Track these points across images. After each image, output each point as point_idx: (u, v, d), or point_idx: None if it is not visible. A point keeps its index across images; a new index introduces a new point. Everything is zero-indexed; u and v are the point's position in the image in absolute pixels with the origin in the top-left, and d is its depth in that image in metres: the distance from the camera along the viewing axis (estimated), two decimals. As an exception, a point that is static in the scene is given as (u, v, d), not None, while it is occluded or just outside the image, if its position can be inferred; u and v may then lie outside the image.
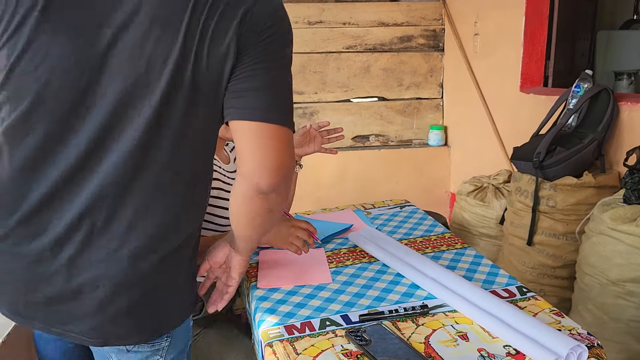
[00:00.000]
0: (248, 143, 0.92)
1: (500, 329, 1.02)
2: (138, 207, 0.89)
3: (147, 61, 0.84)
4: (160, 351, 1.06)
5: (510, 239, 2.38)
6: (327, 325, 1.08)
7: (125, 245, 0.90)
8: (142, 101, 0.85)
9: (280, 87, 0.92)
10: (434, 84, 3.54)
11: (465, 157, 3.43)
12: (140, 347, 1.01)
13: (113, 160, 0.86)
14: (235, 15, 0.85)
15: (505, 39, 2.90)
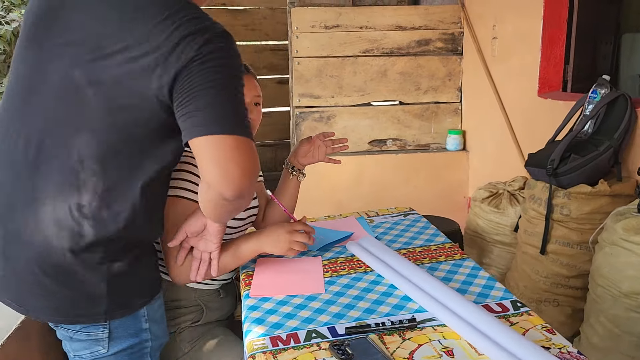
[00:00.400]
0: (206, 156, 0.98)
1: (487, 346, 1.01)
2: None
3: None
4: (100, 342, 1.17)
5: (524, 247, 2.34)
6: (313, 337, 1.08)
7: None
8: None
9: (225, 102, 1.00)
10: (452, 88, 3.50)
11: (484, 163, 3.38)
12: (79, 335, 1.15)
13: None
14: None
15: (523, 42, 2.85)
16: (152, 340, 1.24)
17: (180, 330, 1.44)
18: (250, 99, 1.46)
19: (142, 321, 1.21)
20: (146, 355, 1.25)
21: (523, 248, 2.34)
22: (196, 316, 1.45)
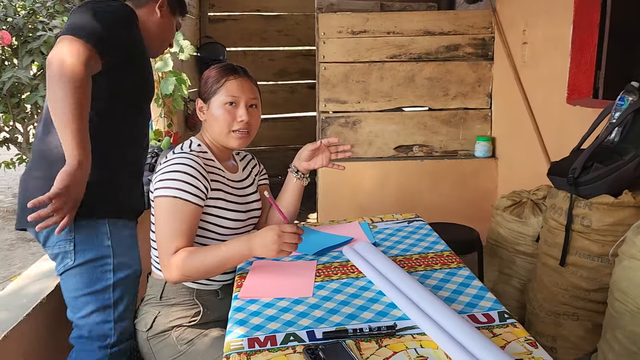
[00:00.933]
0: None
1: (462, 358, 0.98)
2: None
3: None
4: (68, 254, 1.47)
5: (544, 258, 2.26)
6: (290, 341, 1.08)
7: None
8: None
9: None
10: (482, 94, 3.43)
11: (513, 170, 3.29)
12: (54, 250, 1.47)
13: None
14: None
15: (553, 47, 2.77)
16: (115, 258, 1.48)
17: (177, 328, 1.47)
18: (245, 101, 1.49)
19: (104, 238, 1.47)
20: (108, 272, 1.48)
21: (543, 259, 2.27)
22: (194, 315, 1.48)
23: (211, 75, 1.51)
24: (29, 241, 4.37)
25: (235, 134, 1.49)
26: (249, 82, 1.52)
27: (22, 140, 4.61)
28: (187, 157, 1.42)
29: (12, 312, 1.49)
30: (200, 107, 1.54)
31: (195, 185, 1.39)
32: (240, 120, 1.48)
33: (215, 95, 1.49)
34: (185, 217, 1.37)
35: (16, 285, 1.67)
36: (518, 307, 2.57)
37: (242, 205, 1.55)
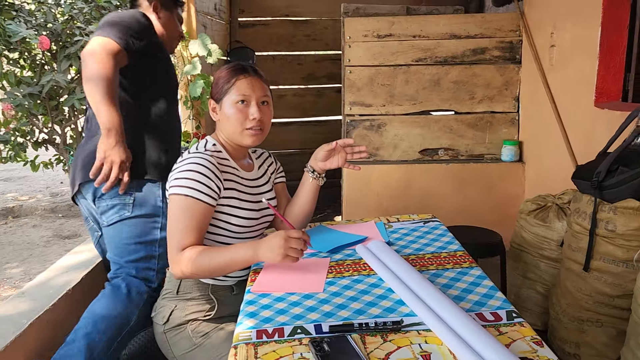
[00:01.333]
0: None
1: (466, 355, 0.99)
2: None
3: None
4: (127, 206, 1.77)
5: (567, 262, 2.23)
6: (297, 333, 1.11)
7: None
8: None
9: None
10: (509, 98, 3.40)
11: (540, 174, 3.24)
12: (104, 201, 1.75)
13: None
14: None
15: (581, 50, 2.73)
16: (163, 218, 1.78)
17: (193, 322, 1.51)
18: (256, 99, 1.52)
19: (158, 199, 1.80)
20: (156, 229, 1.79)
21: (566, 264, 2.24)
22: (208, 310, 1.52)
23: (222, 76, 1.55)
24: (64, 238, 4.53)
25: (248, 132, 1.52)
26: (259, 80, 1.55)
27: (60, 141, 4.77)
28: (201, 156, 1.46)
29: (39, 302, 1.57)
30: (213, 107, 1.58)
31: (208, 185, 1.43)
32: (253, 118, 1.51)
33: (227, 95, 1.52)
34: (196, 215, 1.41)
35: (44, 277, 1.75)
36: (542, 313, 2.53)
37: (255, 204, 1.57)
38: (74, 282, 1.72)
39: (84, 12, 4.16)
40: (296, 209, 1.67)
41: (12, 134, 4.54)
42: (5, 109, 4.36)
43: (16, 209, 5.48)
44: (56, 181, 6.58)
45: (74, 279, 1.74)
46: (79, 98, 4.25)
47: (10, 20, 3.96)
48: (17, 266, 3.94)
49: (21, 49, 4.22)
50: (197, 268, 1.38)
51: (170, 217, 1.43)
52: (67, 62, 4.17)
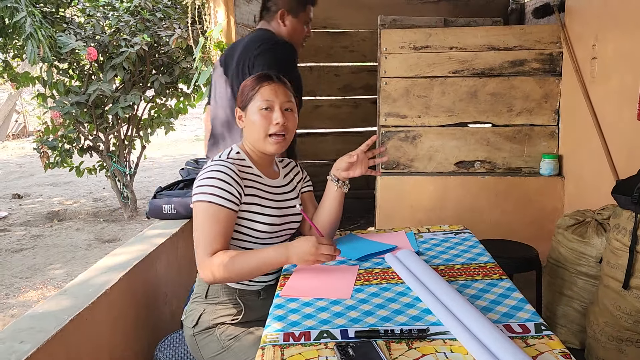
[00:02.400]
0: None
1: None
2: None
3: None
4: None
5: (606, 280, 2.17)
6: (324, 337, 1.12)
7: None
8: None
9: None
10: (548, 110, 3.34)
11: (580, 189, 3.17)
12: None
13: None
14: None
15: (624, 62, 2.67)
16: None
17: (221, 325, 1.54)
18: (280, 105, 1.55)
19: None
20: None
21: (605, 281, 2.18)
22: (236, 314, 1.55)
23: (247, 85, 1.58)
24: (105, 242, 4.68)
25: (272, 139, 1.54)
26: (283, 87, 1.57)
27: (103, 148, 4.96)
28: (221, 164, 1.50)
29: (79, 300, 1.63)
30: (239, 115, 1.61)
31: (228, 191, 1.46)
32: (276, 123, 1.53)
33: (251, 102, 1.55)
34: (220, 221, 1.44)
35: (84, 277, 1.82)
36: (579, 331, 2.46)
37: (277, 210, 1.59)
38: (112, 282, 1.79)
39: (129, 24, 4.32)
40: (322, 217, 1.67)
41: (59, 141, 4.75)
42: (54, 117, 4.57)
43: (61, 213, 5.70)
44: (99, 187, 6.80)
45: (112, 279, 1.81)
46: (123, 107, 4.41)
47: (61, 32, 4.16)
48: (61, 267, 4.10)
49: (70, 59, 4.42)
50: (229, 272, 1.41)
51: (196, 224, 1.47)
52: (112, 72, 4.34)
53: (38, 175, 7.67)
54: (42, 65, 4.31)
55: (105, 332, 1.75)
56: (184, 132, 11.75)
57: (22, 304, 3.48)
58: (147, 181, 7.12)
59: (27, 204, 6.20)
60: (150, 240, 2.27)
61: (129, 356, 1.94)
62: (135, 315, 2.00)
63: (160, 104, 5.12)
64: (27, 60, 3.91)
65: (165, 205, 2.58)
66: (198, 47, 2.89)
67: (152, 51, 4.51)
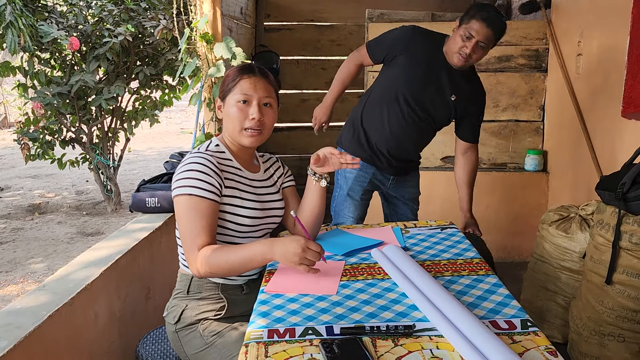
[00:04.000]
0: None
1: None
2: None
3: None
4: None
5: (589, 275, 2.18)
6: (308, 334, 1.11)
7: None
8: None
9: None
10: (534, 106, 3.35)
11: (564, 185, 3.19)
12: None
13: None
14: None
15: (609, 59, 2.68)
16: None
17: (204, 321, 1.52)
18: (258, 99, 1.51)
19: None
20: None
21: (588, 276, 2.19)
22: (219, 309, 1.53)
23: (229, 75, 1.55)
24: (88, 236, 4.62)
25: (247, 132, 1.51)
26: (264, 81, 1.53)
27: (86, 140, 4.88)
28: (199, 156, 1.47)
29: (58, 295, 1.60)
30: (219, 105, 1.58)
31: (208, 182, 1.43)
32: (252, 118, 1.50)
33: (230, 94, 1.52)
34: (203, 213, 1.41)
35: (64, 271, 1.79)
36: (562, 326, 2.48)
37: (258, 204, 1.56)
38: (93, 277, 1.75)
39: (113, 14, 4.25)
40: (305, 211, 1.65)
41: (41, 132, 4.66)
42: (35, 108, 4.48)
43: (42, 206, 5.61)
44: (82, 179, 6.71)
45: (93, 274, 1.77)
46: (106, 98, 4.34)
47: (43, 21, 4.07)
48: (42, 261, 4.03)
49: (52, 49, 4.33)
50: (212, 267, 1.39)
51: (179, 219, 1.44)
52: (95, 62, 4.26)
53: (19, 167, 7.54)
54: (22, 55, 4.22)
55: (85, 328, 1.72)
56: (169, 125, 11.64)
57: (2, 298, 3.41)
58: (131, 174, 7.04)
59: (7, 196, 6.09)
60: (133, 234, 2.24)
61: (110, 353, 1.90)
62: (117, 310, 1.96)
63: (144, 95, 5.05)
64: (7, 50, 3.82)
65: (149, 199, 2.54)
66: (183, 39, 2.84)
67: (136, 42, 4.44)
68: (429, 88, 2.25)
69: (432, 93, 2.26)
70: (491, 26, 2.08)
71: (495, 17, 2.10)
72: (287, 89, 4.72)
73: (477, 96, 2.37)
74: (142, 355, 1.66)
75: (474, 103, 2.36)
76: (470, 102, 2.33)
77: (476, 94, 2.36)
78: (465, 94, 2.29)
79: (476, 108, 2.38)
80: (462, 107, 2.31)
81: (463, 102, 2.29)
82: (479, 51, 2.14)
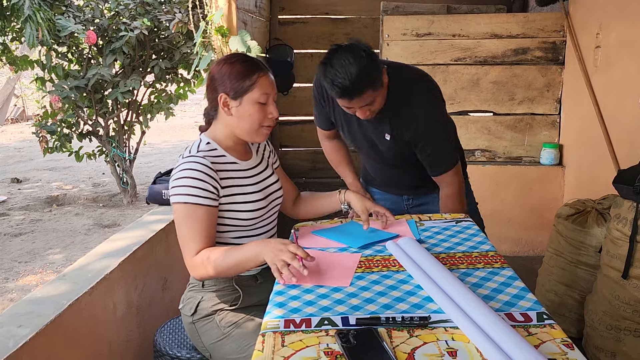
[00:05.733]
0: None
1: (493, 353, 0.98)
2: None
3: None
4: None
5: (605, 269, 2.17)
6: (324, 324, 1.12)
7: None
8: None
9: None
10: (550, 99, 3.32)
11: (581, 179, 3.16)
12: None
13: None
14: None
15: (627, 51, 2.65)
16: None
17: (220, 312, 1.54)
18: (273, 97, 1.52)
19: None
20: None
21: (604, 270, 2.18)
22: (234, 300, 1.55)
23: (240, 71, 1.46)
24: (104, 227, 4.68)
25: (265, 130, 1.52)
26: (272, 77, 1.52)
27: (103, 133, 4.93)
28: (193, 160, 1.44)
29: (78, 285, 1.63)
30: (226, 102, 1.48)
31: (204, 188, 1.42)
32: (272, 117, 1.50)
33: (249, 93, 1.46)
34: (200, 220, 1.41)
35: (83, 262, 1.82)
36: (577, 320, 2.47)
37: (260, 193, 1.56)
38: (112, 267, 1.78)
39: (129, 8, 4.28)
40: (309, 208, 1.74)
41: (58, 125, 4.72)
42: (53, 101, 4.54)
43: (60, 198, 5.69)
44: (98, 172, 6.79)
45: (112, 265, 1.80)
46: (122, 92, 4.38)
47: (60, 15, 4.12)
48: (60, 252, 4.10)
49: (69, 43, 4.38)
50: (209, 270, 1.40)
51: (178, 226, 1.44)
52: (112, 56, 4.31)
53: (37, 160, 7.65)
54: (40, 49, 4.27)
55: (104, 317, 1.75)
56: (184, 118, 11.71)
57: (21, 288, 3.48)
58: (147, 167, 7.10)
59: (26, 188, 6.19)
60: (150, 226, 2.27)
61: (128, 341, 1.94)
62: (135, 300, 2.00)
63: (160, 89, 5.09)
64: (26, 44, 3.87)
65: (165, 191, 2.57)
66: (199, 32, 2.85)
67: (152, 36, 4.47)
68: (363, 134, 1.92)
69: (370, 137, 1.91)
70: (354, 96, 1.63)
71: (348, 89, 1.60)
72: (301, 82, 4.72)
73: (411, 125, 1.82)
74: (159, 344, 1.69)
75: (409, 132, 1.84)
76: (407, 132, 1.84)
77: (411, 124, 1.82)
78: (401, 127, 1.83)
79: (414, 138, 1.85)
80: (401, 139, 1.86)
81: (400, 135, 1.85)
82: (372, 106, 1.71)
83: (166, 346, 1.67)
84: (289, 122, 4.78)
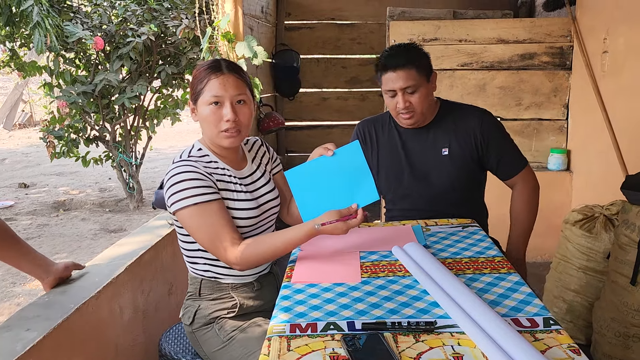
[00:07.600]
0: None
1: (499, 359, 0.98)
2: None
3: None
4: None
5: (613, 275, 2.15)
6: (330, 329, 1.12)
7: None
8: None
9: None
10: (557, 105, 3.31)
11: (588, 184, 3.14)
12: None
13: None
14: None
15: (635, 56, 2.64)
16: None
17: (219, 320, 1.53)
18: (230, 99, 1.43)
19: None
20: None
21: (612, 277, 2.16)
22: (231, 307, 1.53)
23: (197, 76, 1.45)
24: (111, 232, 4.69)
25: (224, 134, 1.44)
26: (233, 77, 1.44)
27: (110, 138, 4.95)
28: (184, 164, 1.43)
29: (85, 289, 1.63)
30: (192, 109, 1.49)
31: (206, 185, 1.40)
32: (227, 120, 1.42)
33: (201, 96, 1.44)
34: (217, 213, 1.39)
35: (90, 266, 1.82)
36: (585, 327, 2.44)
37: (253, 202, 1.52)
38: (118, 272, 1.79)
39: (136, 14, 4.30)
40: (297, 215, 1.65)
41: (66, 131, 4.75)
42: (61, 106, 4.56)
43: (67, 202, 5.72)
44: (105, 177, 6.82)
45: (118, 269, 1.81)
46: (129, 97, 4.40)
47: (68, 22, 4.15)
48: (67, 257, 4.11)
49: (77, 49, 4.41)
50: (254, 258, 1.40)
51: (194, 232, 1.42)
52: (119, 62, 4.33)
53: (44, 165, 7.70)
54: (48, 55, 4.30)
55: (110, 321, 1.75)
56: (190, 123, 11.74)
57: (28, 292, 3.49)
58: (153, 172, 7.13)
59: (33, 193, 6.22)
60: (156, 231, 2.27)
61: (134, 345, 1.94)
62: (141, 305, 2.00)
63: (166, 94, 5.11)
64: (34, 50, 3.90)
65: (171, 196, 2.58)
66: (205, 38, 2.87)
67: (159, 41, 4.50)
68: (407, 161, 1.96)
69: (414, 162, 1.95)
70: (399, 66, 1.74)
71: (395, 54, 1.78)
72: (308, 87, 4.73)
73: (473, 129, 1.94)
74: (165, 349, 1.68)
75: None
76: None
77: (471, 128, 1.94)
78: (463, 135, 1.93)
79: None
80: (460, 152, 1.93)
81: (461, 146, 1.93)
82: (414, 97, 1.78)
83: (171, 351, 1.67)
84: (295, 127, 4.80)
